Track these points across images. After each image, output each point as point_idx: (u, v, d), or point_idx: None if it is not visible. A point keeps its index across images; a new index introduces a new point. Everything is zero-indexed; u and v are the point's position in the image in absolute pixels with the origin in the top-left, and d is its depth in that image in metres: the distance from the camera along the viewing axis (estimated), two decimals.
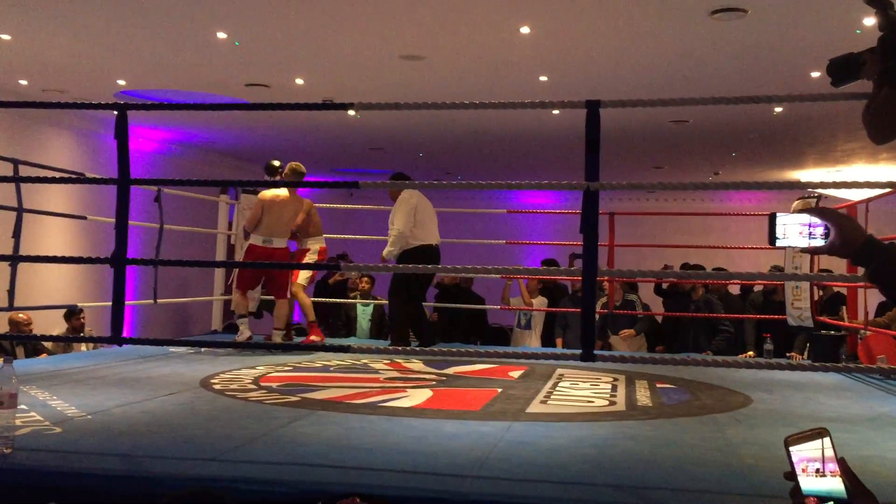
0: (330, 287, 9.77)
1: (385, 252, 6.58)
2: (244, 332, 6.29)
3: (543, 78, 7.73)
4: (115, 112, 3.55)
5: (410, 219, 6.50)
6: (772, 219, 1.55)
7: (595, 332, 3.35)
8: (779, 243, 1.56)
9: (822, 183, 12.88)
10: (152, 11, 6.22)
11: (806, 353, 6.85)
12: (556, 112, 8.79)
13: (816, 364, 3.93)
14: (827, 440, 1.23)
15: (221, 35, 6.71)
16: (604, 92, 7.88)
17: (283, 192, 6.41)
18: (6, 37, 6.91)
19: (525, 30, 6.37)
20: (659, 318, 8.67)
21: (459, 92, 8.11)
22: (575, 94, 7.89)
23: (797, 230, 1.54)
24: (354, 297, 8.92)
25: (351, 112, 8.98)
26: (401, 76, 7.76)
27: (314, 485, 2.55)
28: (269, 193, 6.41)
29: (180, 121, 10.33)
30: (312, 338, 6.49)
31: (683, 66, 7.26)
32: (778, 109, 8.61)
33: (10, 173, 5.22)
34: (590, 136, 3.23)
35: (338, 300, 8.74)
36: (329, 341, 6.89)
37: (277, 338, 6.36)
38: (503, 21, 6.24)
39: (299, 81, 8.12)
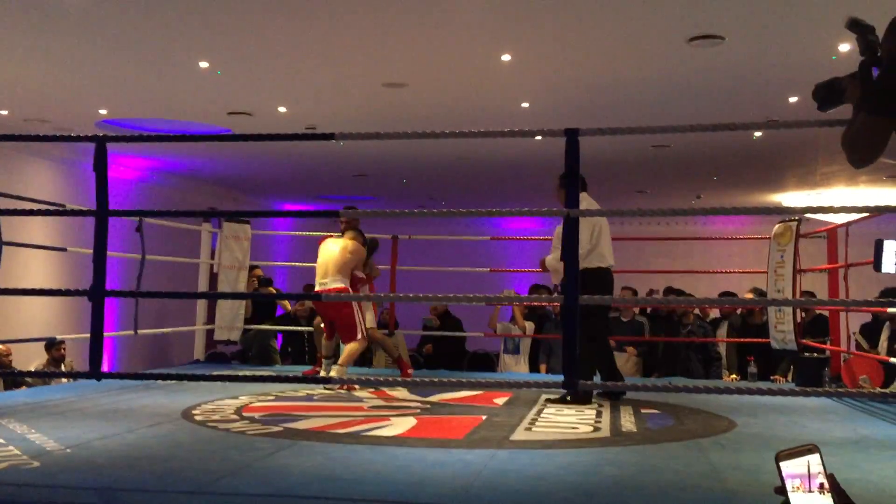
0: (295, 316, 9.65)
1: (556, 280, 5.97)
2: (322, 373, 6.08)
3: (525, 104, 7.79)
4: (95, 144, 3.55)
5: (589, 239, 5.51)
6: (878, 246, 1.56)
7: (576, 359, 3.34)
8: (884, 269, 1.57)
9: (803, 208, 12.98)
10: (134, 41, 6.23)
11: (790, 376, 6.87)
12: (538, 138, 8.84)
13: (797, 389, 3.95)
14: (816, 457, 1.26)
15: (203, 64, 6.71)
16: (585, 117, 7.97)
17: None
18: None
19: (506, 57, 6.42)
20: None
21: (442, 118, 8.14)
22: (557, 120, 7.95)
23: (891, 258, 1.56)
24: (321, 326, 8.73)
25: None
26: (384, 103, 7.79)
27: None
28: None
29: (162, 149, 10.30)
30: (409, 371, 6.71)
31: (663, 92, 7.33)
32: (757, 134, 8.69)
33: None
34: (569, 163, 3.25)
35: (302, 328, 8.44)
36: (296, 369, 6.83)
37: (324, 370, 6.14)
38: (485, 49, 6.29)
39: (282, 109, 8.13)
